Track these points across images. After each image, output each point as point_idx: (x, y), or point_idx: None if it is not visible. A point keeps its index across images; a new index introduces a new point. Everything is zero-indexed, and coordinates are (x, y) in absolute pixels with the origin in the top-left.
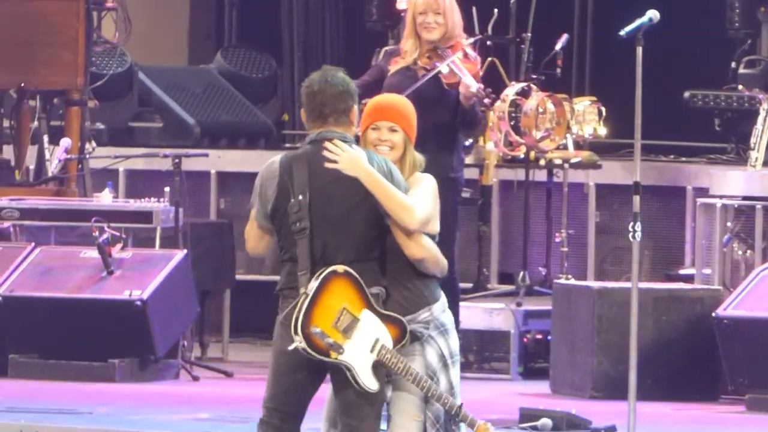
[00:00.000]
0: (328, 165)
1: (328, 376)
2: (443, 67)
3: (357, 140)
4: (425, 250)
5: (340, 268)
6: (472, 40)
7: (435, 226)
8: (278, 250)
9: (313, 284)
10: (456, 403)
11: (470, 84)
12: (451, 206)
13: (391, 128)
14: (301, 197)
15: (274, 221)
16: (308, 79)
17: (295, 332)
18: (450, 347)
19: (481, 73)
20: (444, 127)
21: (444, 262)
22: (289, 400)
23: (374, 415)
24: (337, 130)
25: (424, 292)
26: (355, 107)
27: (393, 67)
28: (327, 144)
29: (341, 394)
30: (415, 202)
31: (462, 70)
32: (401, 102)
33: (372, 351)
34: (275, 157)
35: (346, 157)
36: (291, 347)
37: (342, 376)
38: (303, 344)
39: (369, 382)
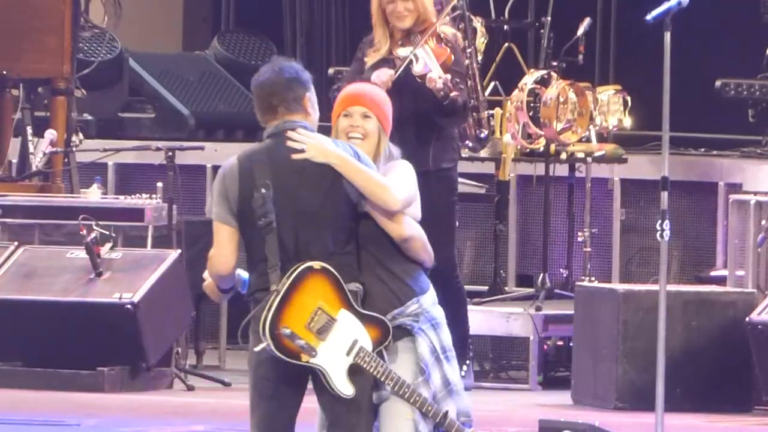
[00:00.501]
0: (295, 155)
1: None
2: (413, 59)
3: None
4: (411, 228)
5: (317, 264)
6: (448, 16)
7: (416, 212)
8: (248, 257)
9: (285, 281)
10: (441, 410)
11: (434, 77)
12: (445, 203)
13: (364, 114)
14: (264, 190)
15: (240, 224)
16: (257, 72)
17: (263, 333)
18: (443, 341)
19: (453, 58)
20: (426, 117)
21: (430, 249)
22: (276, 423)
23: (365, 423)
24: (293, 119)
25: (411, 283)
26: (308, 95)
27: (369, 59)
28: (290, 134)
29: (326, 404)
30: (394, 182)
31: (430, 60)
32: (374, 89)
33: (349, 354)
34: (232, 157)
35: (314, 144)
36: (258, 348)
37: (321, 383)
38: (271, 346)
39: (343, 387)
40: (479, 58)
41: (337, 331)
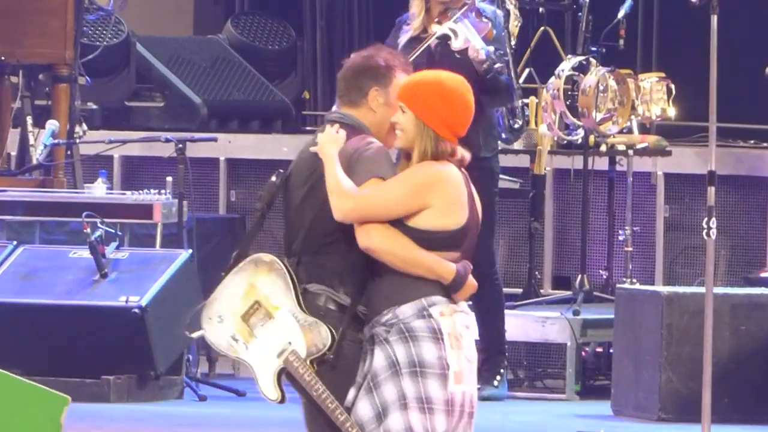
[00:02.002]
0: (311, 148)
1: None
2: (445, 30)
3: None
4: (371, 239)
5: (267, 256)
6: None
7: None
8: None
9: (229, 269)
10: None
11: (478, 47)
12: (485, 194)
13: (401, 108)
14: (273, 178)
15: None
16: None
17: (204, 318)
18: (413, 356)
19: (494, 32)
20: None
21: (427, 263)
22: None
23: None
24: (346, 111)
25: (390, 291)
26: (378, 90)
27: (403, 38)
28: (324, 127)
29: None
30: (352, 190)
31: (471, 34)
32: (419, 80)
33: (279, 356)
34: None
35: (322, 138)
36: (195, 335)
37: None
38: (206, 333)
39: (267, 389)
40: (512, 42)
41: (272, 329)
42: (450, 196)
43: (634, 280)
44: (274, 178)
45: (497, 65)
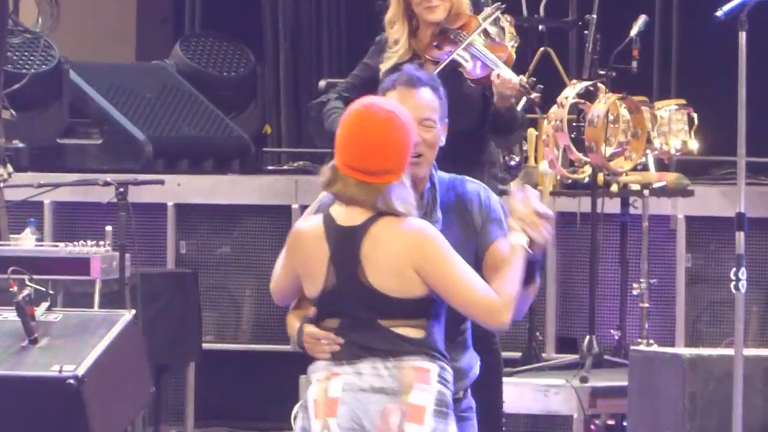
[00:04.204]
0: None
1: None
2: (460, 57)
3: None
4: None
5: None
6: (492, 12)
7: None
8: None
9: None
10: None
11: (509, 77)
12: None
13: None
14: None
15: None
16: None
17: None
18: None
19: (514, 57)
20: (469, 136)
21: None
22: None
23: None
24: None
25: None
26: None
27: (384, 65)
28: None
29: None
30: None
31: (489, 59)
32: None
33: None
34: None
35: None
36: None
37: None
38: None
39: None
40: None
41: None
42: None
43: (651, 342)
44: None
45: (533, 96)
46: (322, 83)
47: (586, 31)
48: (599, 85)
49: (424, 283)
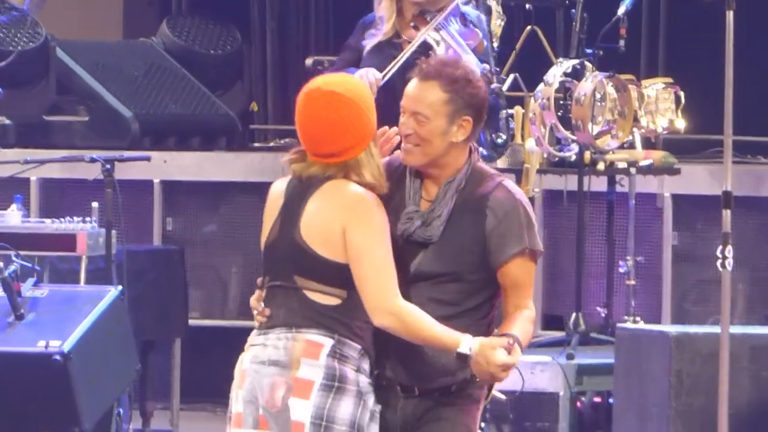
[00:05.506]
0: None
1: None
2: (431, 39)
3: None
4: None
5: None
6: None
7: None
8: None
9: None
10: None
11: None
12: None
13: None
14: None
15: None
16: None
17: None
18: None
19: (485, 44)
20: None
21: None
22: None
23: None
24: None
25: None
26: None
27: (369, 43)
28: None
29: None
30: None
31: (458, 45)
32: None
33: None
34: None
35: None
36: None
37: None
38: None
39: None
40: (495, 44)
41: None
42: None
43: (638, 319)
44: None
45: (493, 86)
46: (308, 61)
47: (573, 10)
48: (586, 63)
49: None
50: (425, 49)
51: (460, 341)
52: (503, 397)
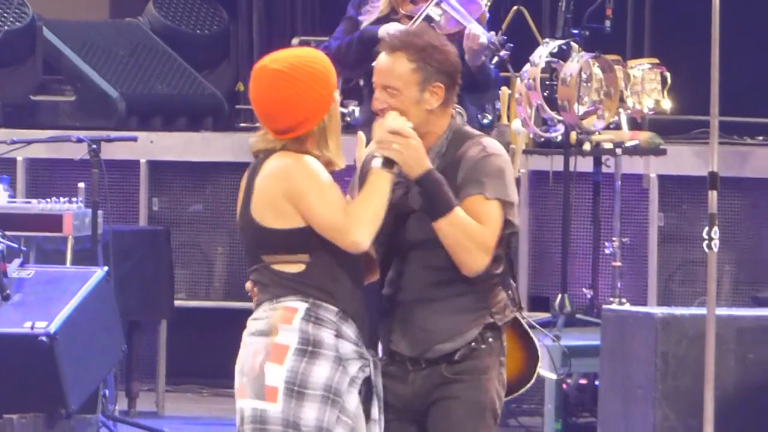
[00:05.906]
0: None
1: None
2: (433, 12)
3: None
4: None
5: None
6: None
7: None
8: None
9: None
10: None
11: (477, 33)
12: None
13: None
14: None
15: None
16: None
17: None
18: None
19: (487, 16)
20: None
21: None
22: None
23: None
24: None
25: None
26: None
27: (366, 18)
28: None
29: None
30: None
31: (462, 14)
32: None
33: None
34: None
35: None
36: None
37: None
38: None
39: None
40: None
41: None
42: None
43: (624, 300)
44: None
45: (503, 53)
46: (295, 41)
47: None
48: (572, 44)
49: (299, 213)
50: (427, 22)
51: (373, 171)
52: (554, 376)
